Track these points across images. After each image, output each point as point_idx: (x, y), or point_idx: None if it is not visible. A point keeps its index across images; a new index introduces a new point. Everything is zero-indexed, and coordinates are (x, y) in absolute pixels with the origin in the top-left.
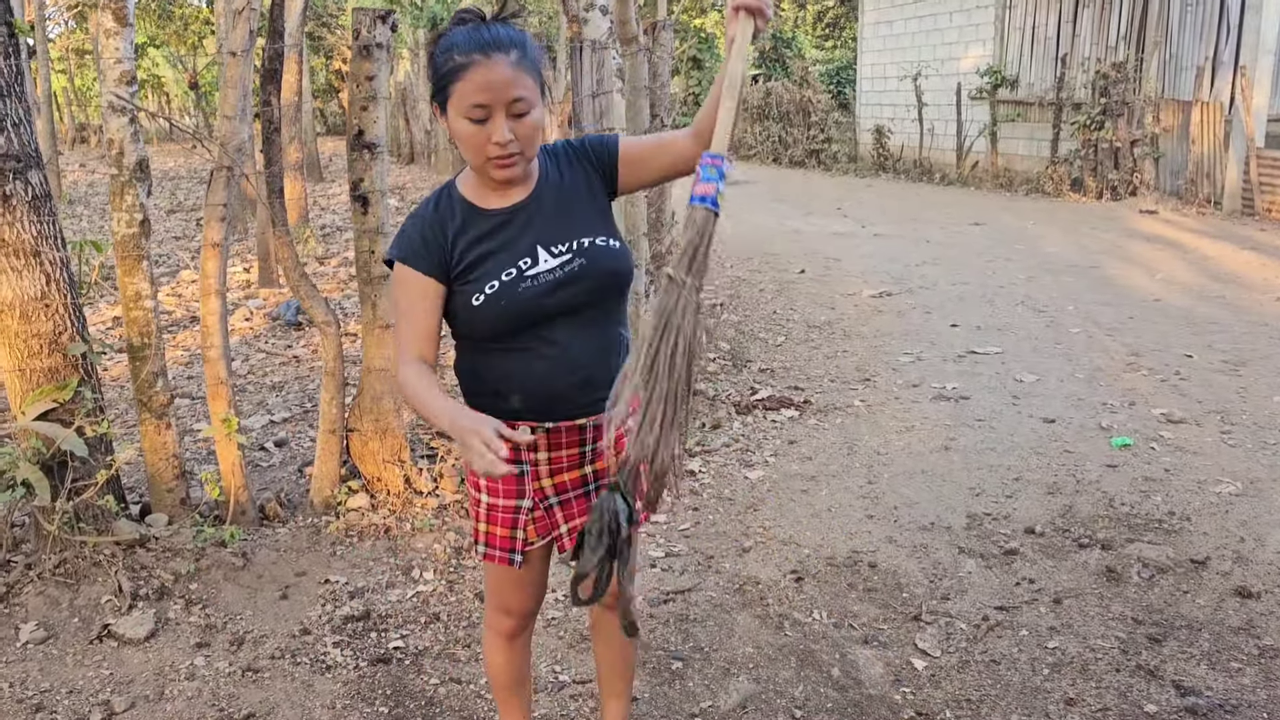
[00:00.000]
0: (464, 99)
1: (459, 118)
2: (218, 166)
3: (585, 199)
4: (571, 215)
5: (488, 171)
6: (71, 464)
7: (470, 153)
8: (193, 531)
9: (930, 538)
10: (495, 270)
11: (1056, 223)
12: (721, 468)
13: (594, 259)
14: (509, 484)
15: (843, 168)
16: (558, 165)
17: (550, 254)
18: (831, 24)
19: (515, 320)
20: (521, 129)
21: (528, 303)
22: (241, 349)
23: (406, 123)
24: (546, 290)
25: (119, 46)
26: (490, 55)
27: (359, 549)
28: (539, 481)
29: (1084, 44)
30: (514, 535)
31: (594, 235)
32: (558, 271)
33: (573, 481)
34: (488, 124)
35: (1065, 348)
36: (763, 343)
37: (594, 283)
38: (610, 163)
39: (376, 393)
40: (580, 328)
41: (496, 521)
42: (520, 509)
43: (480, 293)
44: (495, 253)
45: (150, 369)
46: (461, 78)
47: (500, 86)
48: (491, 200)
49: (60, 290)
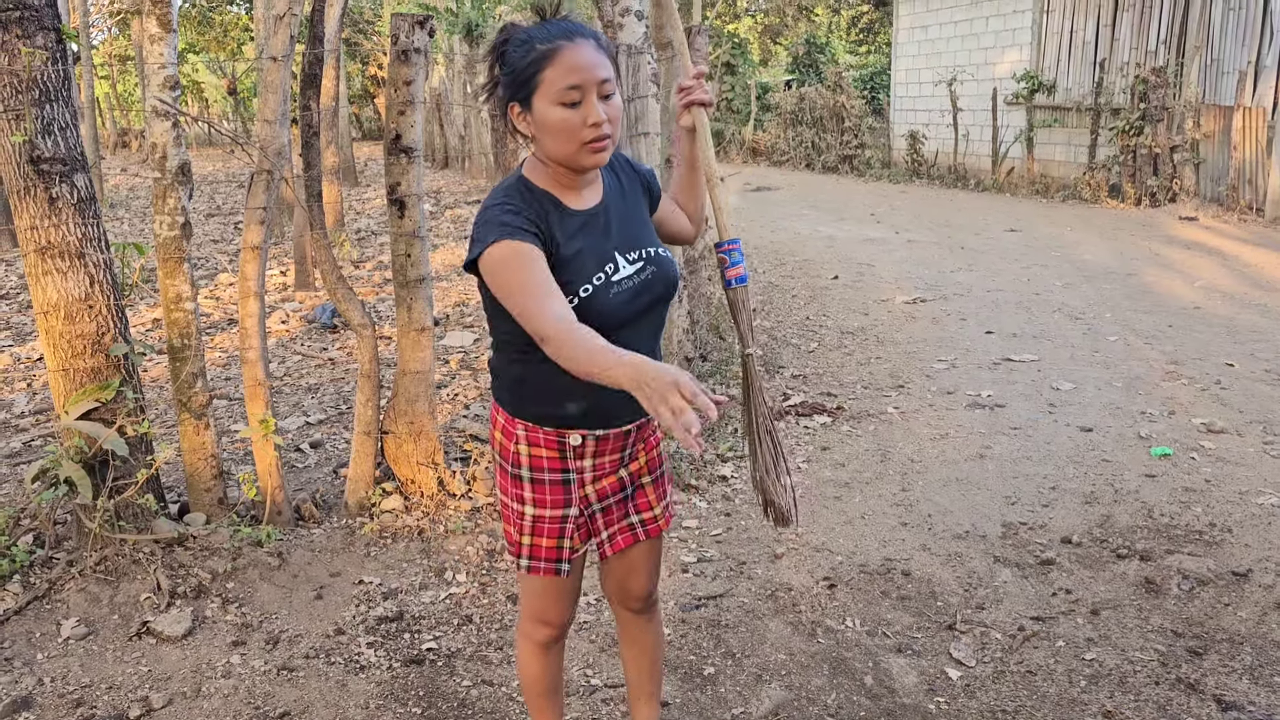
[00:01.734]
0: (556, 83)
1: (551, 105)
2: (257, 170)
3: (643, 210)
4: (638, 224)
5: (581, 159)
6: (113, 463)
7: (563, 140)
8: (230, 531)
9: (965, 546)
10: (586, 273)
11: (1094, 229)
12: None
13: (661, 267)
14: (556, 494)
15: (876, 174)
16: (616, 174)
17: (627, 261)
18: (866, 29)
19: (608, 321)
20: (611, 110)
21: (618, 309)
22: (278, 351)
23: (441, 128)
24: (630, 297)
25: (163, 52)
26: (574, 40)
27: (393, 550)
28: (584, 489)
29: (1123, 48)
30: (560, 545)
31: (656, 245)
32: (636, 279)
33: (612, 486)
34: (581, 107)
35: (1103, 355)
36: (795, 349)
37: (661, 290)
38: (653, 200)
39: (411, 395)
40: (637, 334)
41: (542, 533)
42: (567, 518)
43: (575, 295)
44: (584, 254)
45: (190, 370)
46: (550, 64)
47: (590, 67)
48: (570, 199)
49: (103, 291)
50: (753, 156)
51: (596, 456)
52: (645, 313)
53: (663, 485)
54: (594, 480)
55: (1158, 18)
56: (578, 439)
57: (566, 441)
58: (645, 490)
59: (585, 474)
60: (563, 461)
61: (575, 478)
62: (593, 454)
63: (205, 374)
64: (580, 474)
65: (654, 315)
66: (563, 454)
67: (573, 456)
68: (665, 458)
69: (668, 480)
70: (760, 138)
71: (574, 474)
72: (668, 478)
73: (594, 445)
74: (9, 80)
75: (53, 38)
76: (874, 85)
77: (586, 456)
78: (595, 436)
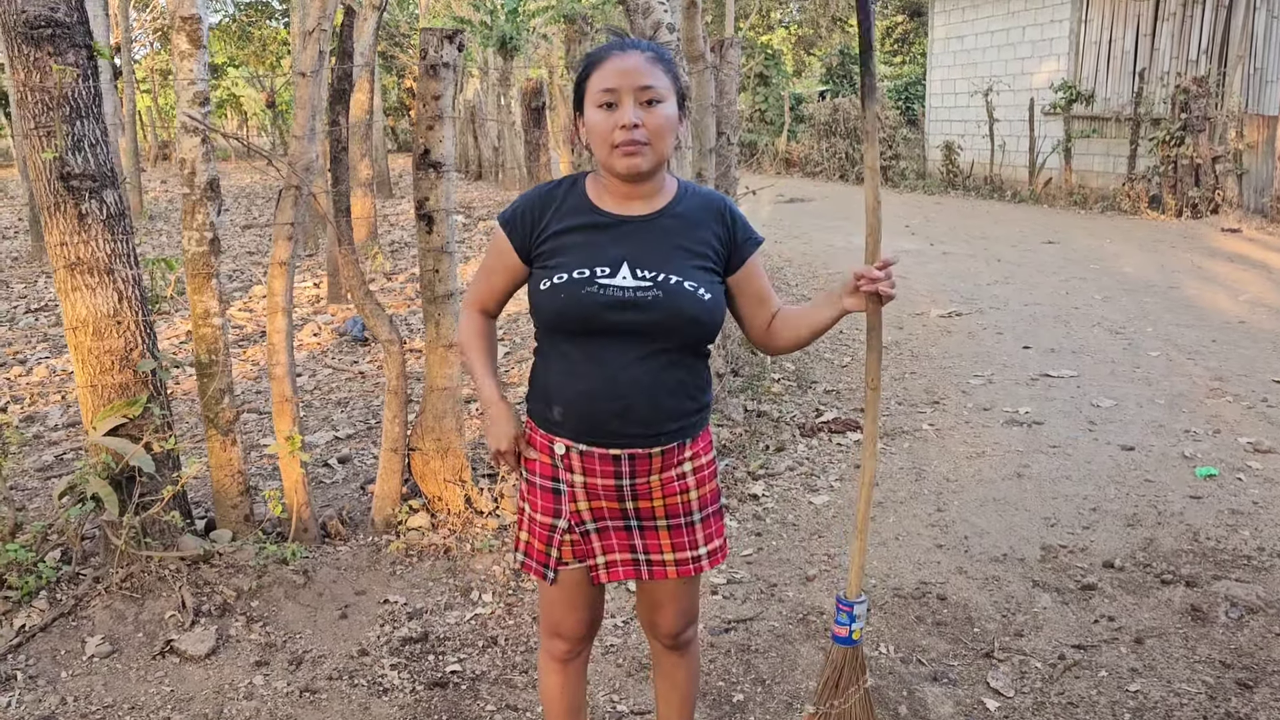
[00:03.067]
0: (596, 86)
1: (592, 108)
2: (286, 185)
3: (700, 245)
4: (678, 251)
5: (613, 162)
6: (139, 479)
7: (599, 141)
8: (255, 548)
9: (1003, 570)
10: (570, 264)
11: (1134, 241)
12: (785, 492)
13: (673, 297)
14: (546, 501)
15: (910, 185)
16: (696, 203)
17: (633, 274)
18: (900, 39)
19: (567, 318)
20: (652, 119)
21: (585, 307)
22: (309, 364)
23: (475, 140)
24: (609, 304)
25: (193, 68)
26: (626, 50)
27: (418, 569)
28: (575, 504)
29: (1163, 58)
30: (548, 552)
31: (686, 278)
32: (630, 292)
33: (611, 511)
34: (615, 110)
35: (1144, 371)
36: (828, 363)
37: (663, 319)
38: (740, 257)
39: (439, 411)
40: (636, 356)
41: (535, 534)
42: (555, 528)
43: (549, 279)
44: (578, 249)
45: (217, 385)
46: (596, 70)
47: (630, 73)
48: (608, 203)
49: (132, 307)
50: (786, 168)
51: (587, 475)
52: (630, 334)
53: (694, 531)
54: (588, 498)
55: (1199, 27)
56: (562, 448)
57: (554, 449)
58: (659, 532)
59: (576, 489)
60: (554, 469)
61: (565, 490)
62: (582, 470)
63: (232, 389)
64: (571, 487)
65: (661, 344)
66: (554, 461)
67: (562, 467)
68: (713, 498)
69: (716, 520)
70: (794, 149)
71: (564, 485)
72: (716, 518)
73: (580, 460)
74: (40, 97)
75: (84, 55)
76: (908, 96)
77: (575, 471)
78: (580, 451)
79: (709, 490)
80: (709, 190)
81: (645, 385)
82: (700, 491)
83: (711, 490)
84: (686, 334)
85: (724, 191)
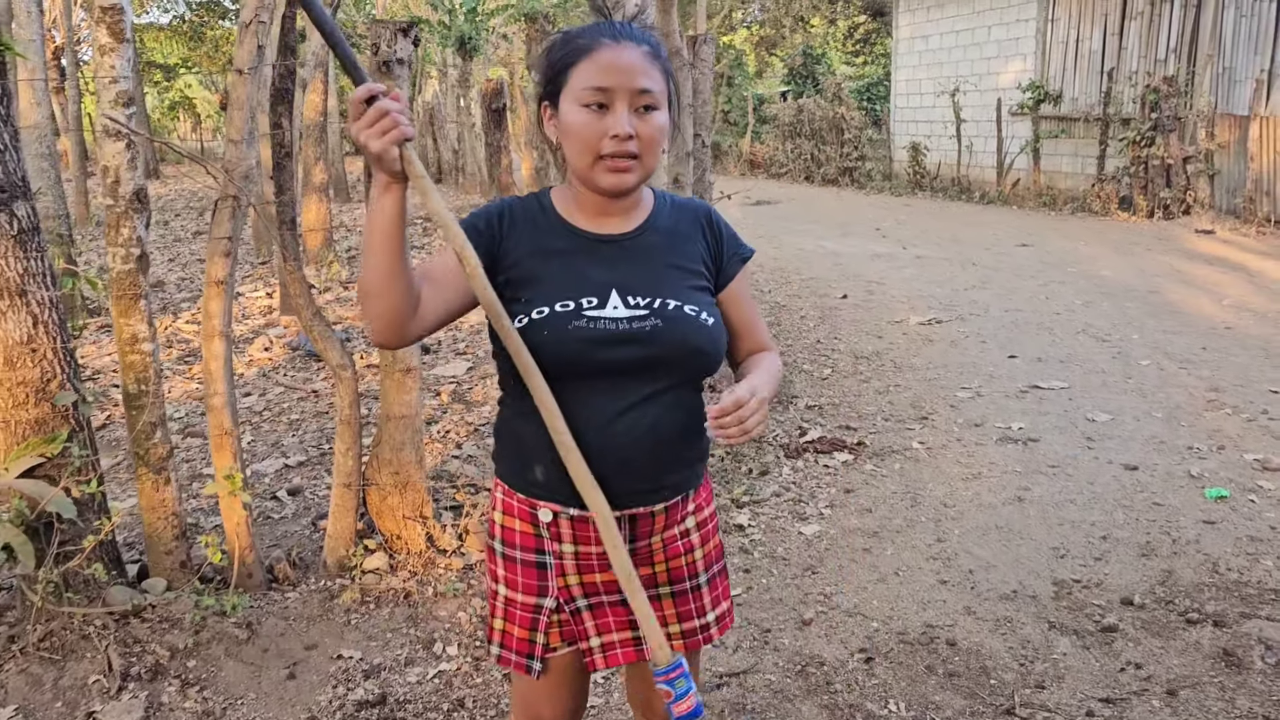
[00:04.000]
0: (583, 82)
1: (574, 105)
2: (222, 196)
3: (690, 261)
4: (669, 271)
5: (596, 177)
6: (59, 526)
7: (579, 148)
8: (193, 599)
9: (1014, 609)
10: (551, 296)
11: (1108, 243)
12: (773, 521)
13: (674, 325)
14: (529, 577)
15: (877, 186)
16: (677, 215)
17: (625, 303)
18: (863, 39)
19: (553, 361)
20: (645, 128)
21: (574, 345)
22: (259, 382)
23: (434, 142)
24: (601, 340)
25: (114, 64)
26: (620, 40)
27: (375, 618)
28: (565, 579)
29: (1131, 57)
30: (533, 638)
31: (685, 301)
32: (624, 324)
33: (606, 584)
34: (606, 113)
35: (1137, 382)
36: (809, 375)
37: (665, 352)
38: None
39: (397, 442)
40: (629, 399)
41: (514, 620)
42: (541, 608)
43: (526, 315)
44: (559, 277)
45: (147, 419)
46: (584, 60)
47: (627, 70)
48: (581, 220)
49: (49, 333)
50: (750, 169)
51: (579, 543)
52: (625, 373)
53: (700, 596)
54: (579, 571)
55: (1167, 26)
56: (548, 514)
57: (538, 516)
58: (663, 602)
59: (565, 560)
60: (538, 540)
61: (553, 563)
62: (572, 538)
63: (165, 423)
64: (559, 559)
65: (659, 383)
66: (537, 530)
67: (548, 536)
68: (718, 555)
69: (723, 580)
70: (758, 150)
71: (551, 557)
72: (722, 578)
73: (570, 527)
74: None
75: None
76: (871, 96)
77: (565, 540)
78: (570, 516)
79: (713, 546)
80: (688, 198)
81: (646, 432)
82: (705, 549)
83: (716, 546)
84: (690, 368)
85: (699, 196)
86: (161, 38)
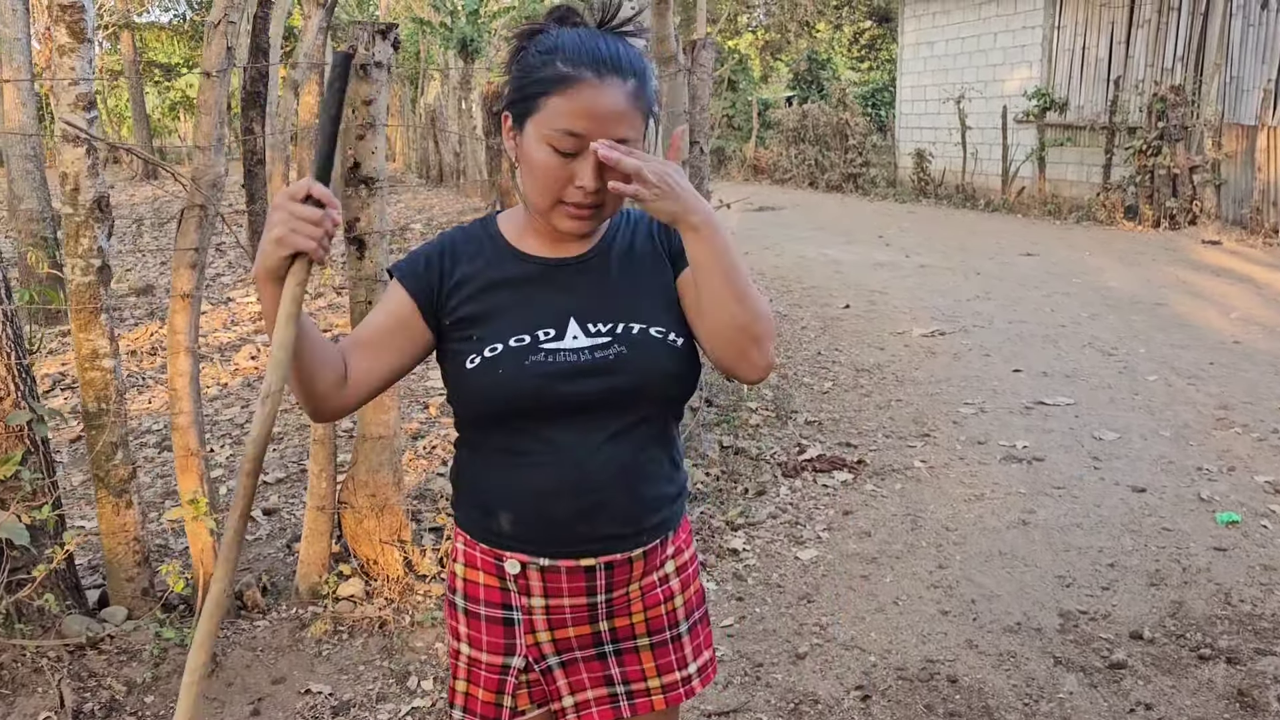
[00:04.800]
0: (555, 120)
1: (541, 142)
2: (188, 205)
3: (651, 277)
4: (629, 292)
5: (554, 218)
6: (9, 553)
7: (539, 188)
8: (154, 630)
9: (1018, 643)
10: (505, 331)
11: (1114, 253)
12: (768, 545)
13: (640, 351)
14: (495, 634)
15: (881, 192)
16: (633, 231)
17: (585, 331)
18: (868, 45)
19: (511, 401)
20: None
21: (533, 381)
22: (243, 393)
23: (435, 145)
24: (562, 374)
25: (74, 66)
26: (604, 77)
27: (348, 648)
28: (534, 635)
29: (1138, 66)
30: (499, 702)
31: (650, 324)
32: (585, 354)
33: (580, 639)
34: (575, 160)
35: (1144, 399)
36: (808, 389)
37: (632, 381)
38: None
39: (373, 464)
40: (599, 436)
41: (478, 681)
42: (509, 668)
43: (478, 354)
44: (511, 310)
45: (108, 439)
46: (560, 93)
47: (607, 118)
48: (532, 245)
49: (3, 348)
50: (754, 174)
51: (550, 595)
52: (609, 408)
53: (681, 647)
54: (550, 627)
55: (1174, 34)
56: (515, 566)
57: (504, 568)
58: (640, 654)
59: (535, 616)
60: (504, 594)
61: (521, 619)
62: (543, 590)
63: (128, 444)
64: (528, 614)
65: (629, 415)
66: (503, 583)
67: (516, 590)
68: (699, 600)
69: (704, 627)
70: (762, 155)
71: (519, 613)
72: (703, 625)
73: (540, 579)
74: None
75: None
76: (876, 102)
77: (534, 593)
78: (540, 567)
79: (694, 592)
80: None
81: (619, 471)
82: (685, 595)
83: (696, 591)
84: (663, 396)
85: None
86: (163, 37)
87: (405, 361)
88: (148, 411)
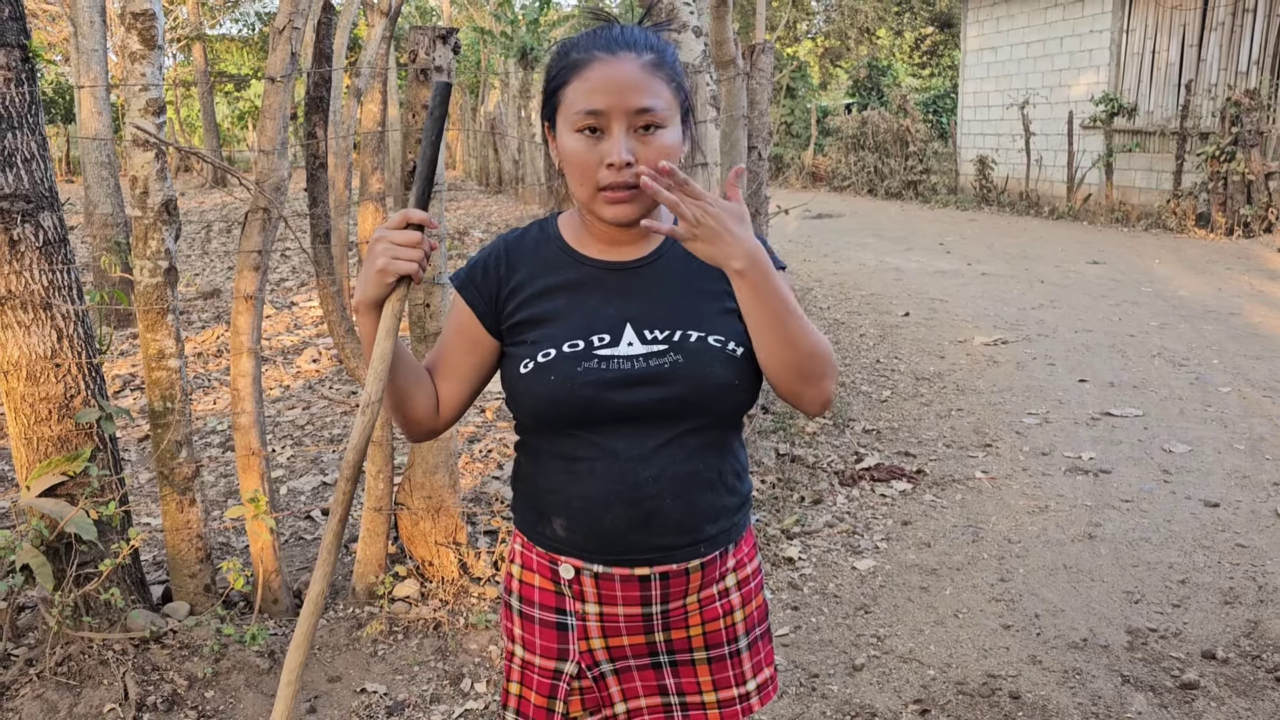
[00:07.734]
0: (576, 103)
1: (569, 132)
2: (252, 208)
3: (712, 282)
4: (688, 298)
5: (595, 207)
6: (79, 547)
7: (577, 178)
8: (214, 626)
9: (1084, 660)
10: (559, 336)
11: (1184, 262)
12: (824, 554)
13: (696, 361)
14: (549, 639)
15: (942, 200)
16: None
17: (640, 338)
18: (929, 51)
19: (562, 407)
20: (647, 150)
21: (584, 389)
22: (304, 395)
23: (495, 152)
24: (615, 381)
25: (145, 72)
26: (615, 53)
27: (403, 649)
28: (588, 641)
29: (1210, 69)
30: (551, 706)
31: (710, 332)
32: (640, 362)
33: (635, 648)
34: (601, 139)
35: (1217, 411)
36: (866, 398)
37: (688, 391)
38: None
39: (430, 465)
40: (651, 444)
41: (531, 684)
42: (561, 673)
43: (531, 359)
44: (566, 314)
45: (172, 437)
46: (574, 78)
47: (622, 89)
48: (590, 247)
49: (74, 348)
50: (813, 182)
51: (604, 603)
52: (666, 417)
53: (740, 663)
54: (604, 634)
55: (1249, 37)
56: (569, 570)
57: (559, 572)
58: (697, 667)
59: (589, 622)
60: (559, 597)
61: (575, 624)
62: (597, 598)
63: (191, 442)
64: (582, 620)
65: (686, 425)
66: (558, 587)
67: (570, 595)
68: (761, 615)
69: (766, 643)
70: (820, 162)
71: (573, 618)
72: (765, 641)
73: (595, 586)
74: None
75: (16, 56)
76: (937, 109)
77: (589, 599)
78: (594, 574)
79: (755, 607)
80: None
81: (674, 480)
82: (746, 610)
83: (758, 606)
84: (720, 406)
85: (753, 211)
86: (233, 48)
87: (483, 374)
88: (213, 412)
